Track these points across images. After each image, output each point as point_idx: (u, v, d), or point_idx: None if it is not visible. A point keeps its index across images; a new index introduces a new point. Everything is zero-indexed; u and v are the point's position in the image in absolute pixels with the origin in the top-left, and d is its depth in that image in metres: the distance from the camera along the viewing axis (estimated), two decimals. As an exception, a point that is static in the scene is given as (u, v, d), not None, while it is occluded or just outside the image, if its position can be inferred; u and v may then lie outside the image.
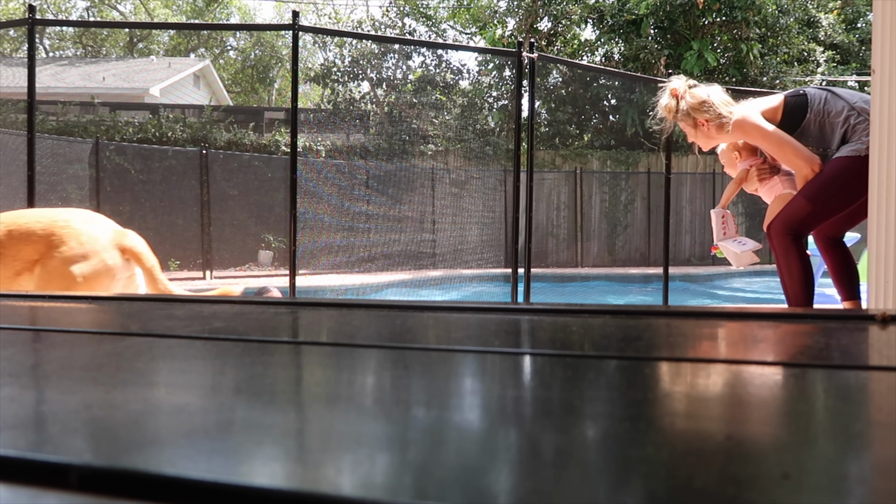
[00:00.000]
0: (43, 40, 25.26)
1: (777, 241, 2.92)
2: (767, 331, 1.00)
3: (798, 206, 2.89)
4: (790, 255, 2.88)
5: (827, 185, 2.83)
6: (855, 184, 2.72)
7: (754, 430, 0.50)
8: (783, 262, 2.91)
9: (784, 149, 2.91)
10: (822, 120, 2.89)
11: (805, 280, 2.88)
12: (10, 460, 0.40)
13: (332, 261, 11.50)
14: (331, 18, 20.14)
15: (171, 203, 11.91)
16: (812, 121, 2.91)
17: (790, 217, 2.89)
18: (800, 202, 2.89)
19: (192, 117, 14.44)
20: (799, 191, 2.93)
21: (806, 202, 2.87)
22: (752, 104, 3.03)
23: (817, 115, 2.90)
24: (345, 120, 14.59)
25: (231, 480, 0.37)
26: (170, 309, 1.28)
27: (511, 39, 14.74)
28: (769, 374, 0.69)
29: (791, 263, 2.88)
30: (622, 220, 14.33)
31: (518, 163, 5.29)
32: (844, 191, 2.80)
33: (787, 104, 2.95)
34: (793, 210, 2.90)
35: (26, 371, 0.72)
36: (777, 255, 2.94)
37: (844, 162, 2.81)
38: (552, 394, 0.61)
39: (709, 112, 3.01)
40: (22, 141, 6.38)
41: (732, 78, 14.61)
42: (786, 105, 2.95)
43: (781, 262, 2.92)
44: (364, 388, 0.67)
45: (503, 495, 0.37)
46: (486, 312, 1.17)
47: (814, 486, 0.38)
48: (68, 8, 27.30)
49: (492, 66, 15.58)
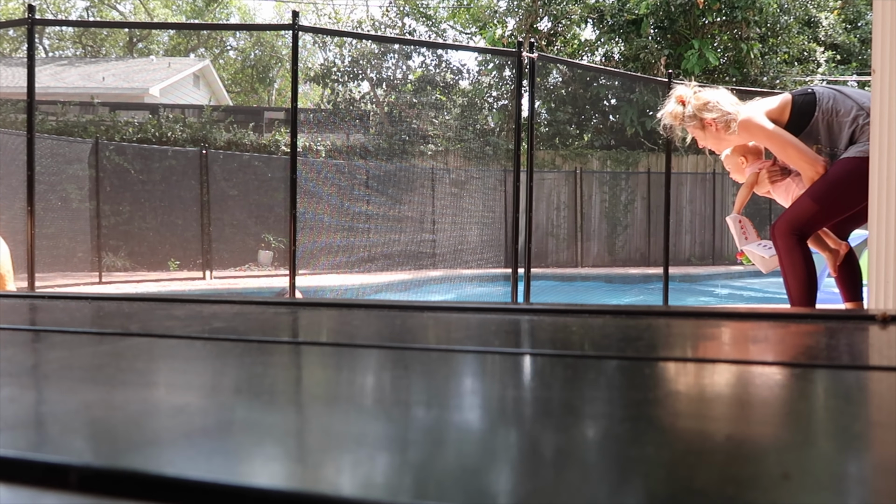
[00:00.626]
0: (43, 40, 25.26)
1: (781, 242, 2.91)
2: (767, 331, 1.00)
3: (804, 206, 2.88)
4: (794, 256, 2.88)
5: (833, 187, 2.83)
6: (862, 185, 2.70)
7: (754, 430, 0.50)
8: (787, 263, 2.91)
9: (788, 150, 2.90)
10: (830, 119, 2.88)
11: (808, 281, 2.87)
12: (10, 460, 0.40)
13: (332, 261, 11.50)
14: (331, 18, 20.14)
15: (170, 203, 11.91)
16: (820, 119, 2.89)
17: (795, 217, 2.88)
18: (805, 203, 2.88)
19: (191, 117, 14.44)
20: (805, 191, 2.92)
21: (812, 203, 2.86)
22: (757, 104, 3.02)
23: (825, 114, 2.88)
24: (345, 120, 14.59)
25: (231, 481, 0.37)
26: (170, 309, 1.28)
27: (511, 39, 14.74)
28: (769, 374, 0.69)
29: (795, 263, 2.88)
30: (622, 220, 14.33)
31: (518, 163, 5.29)
32: (850, 192, 2.79)
33: (795, 103, 2.93)
34: (798, 211, 2.89)
35: (26, 371, 0.72)
36: (781, 255, 2.94)
37: (851, 163, 2.79)
38: (552, 394, 0.61)
39: (714, 111, 3.00)
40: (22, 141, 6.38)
41: (732, 78, 14.61)
42: (793, 104, 2.93)
43: (785, 263, 2.92)
44: (364, 388, 0.67)
45: (503, 495, 0.37)
46: (486, 312, 1.17)
47: (814, 486, 0.38)
48: (68, 8, 27.30)
49: (492, 66, 15.58)
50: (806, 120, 2.91)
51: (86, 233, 11.05)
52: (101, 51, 25.96)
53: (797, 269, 2.88)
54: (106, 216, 11.37)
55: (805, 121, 2.91)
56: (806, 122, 2.91)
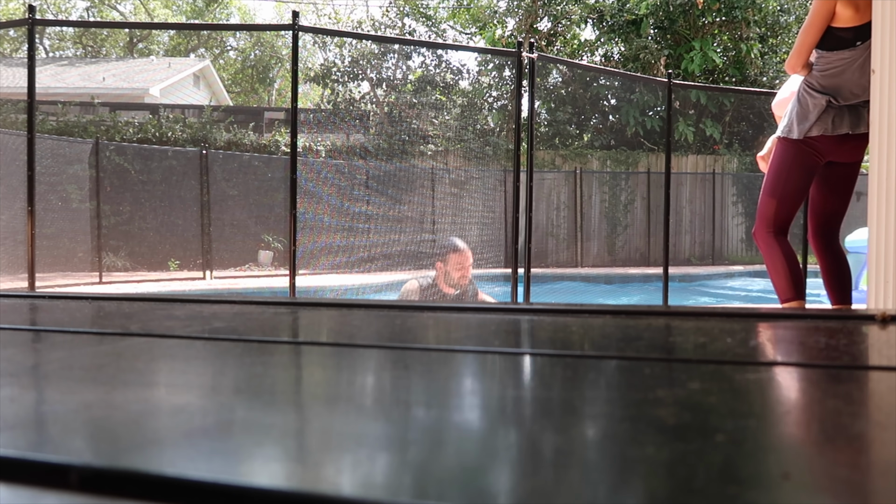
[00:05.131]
0: (43, 40, 25.26)
1: (760, 243, 2.99)
2: (767, 331, 1.00)
3: (763, 203, 2.97)
4: (773, 252, 2.94)
5: (774, 174, 2.93)
6: (789, 164, 2.85)
7: (754, 430, 0.50)
8: (768, 261, 2.99)
9: (803, 29, 2.81)
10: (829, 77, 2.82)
11: (790, 274, 2.90)
12: (10, 460, 0.40)
13: (332, 261, 11.50)
14: (331, 18, 20.13)
15: (171, 203, 11.90)
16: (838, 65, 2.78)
17: (762, 216, 2.97)
18: (763, 199, 2.97)
19: (192, 117, 14.43)
20: (761, 190, 3.03)
21: (768, 197, 2.95)
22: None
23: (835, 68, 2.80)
24: (345, 120, 14.58)
25: (231, 480, 0.37)
26: (170, 309, 1.28)
27: (511, 39, 14.74)
28: (769, 374, 0.69)
29: (775, 259, 2.93)
30: (622, 220, 14.32)
31: (518, 163, 5.29)
32: (788, 174, 2.89)
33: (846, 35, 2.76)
34: (762, 209, 2.98)
35: (26, 371, 0.72)
36: (763, 255, 3.00)
37: (777, 146, 2.94)
38: (552, 394, 0.61)
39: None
40: (22, 141, 6.38)
41: (732, 78, 14.61)
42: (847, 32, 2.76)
43: (767, 261, 3.00)
44: (364, 388, 0.67)
45: (503, 495, 0.37)
46: (486, 312, 1.17)
47: (814, 486, 0.38)
48: (68, 8, 27.30)
49: (492, 67, 15.57)
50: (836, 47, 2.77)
51: (86, 233, 11.05)
52: (101, 51, 25.96)
53: (777, 265, 2.93)
54: (106, 216, 11.36)
55: (836, 46, 2.77)
56: (834, 48, 2.78)
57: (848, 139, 2.84)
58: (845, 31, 2.74)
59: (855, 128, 2.82)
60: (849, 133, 2.82)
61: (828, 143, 2.84)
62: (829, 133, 2.81)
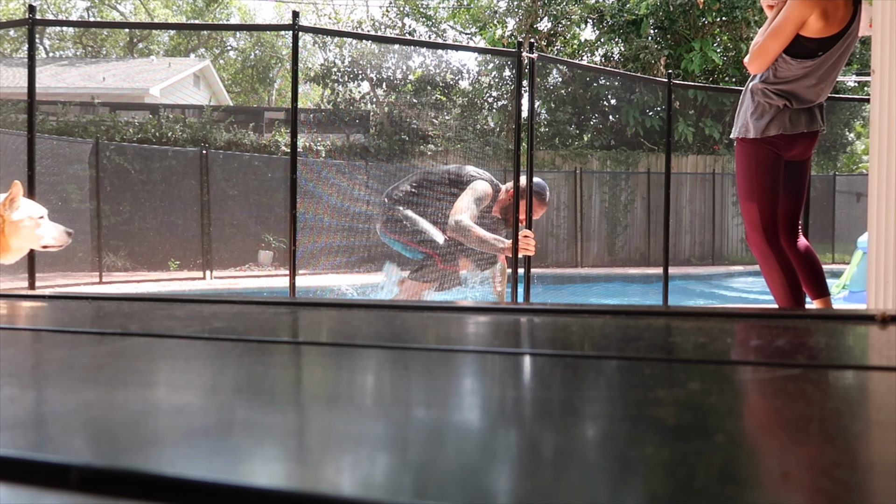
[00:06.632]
0: (43, 40, 25.26)
1: (755, 250, 3.01)
2: (767, 331, 1.00)
3: (744, 208, 2.99)
4: (769, 262, 2.95)
5: (744, 178, 2.96)
6: (755, 164, 2.89)
7: (754, 430, 0.50)
8: (764, 268, 3.00)
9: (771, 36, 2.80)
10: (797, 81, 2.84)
11: (786, 281, 2.90)
12: (10, 460, 0.40)
13: (332, 261, 11.49)
14: (331, 18, 20.11)
15: (171, 203, 11.90)
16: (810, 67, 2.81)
17: (748, 220, 2.98)
18: (743, 205, 3.00)
19: (192, 117, 14.43)
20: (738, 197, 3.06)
21: (746, 202, 2.97)
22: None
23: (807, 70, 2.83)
24: (345, 120, 14.58)
25: (231, 480, 0.37)
26: (170, 309, 1.28)
27: (511, 39, 14.73)
28: (769, 375, 0.69)
29: (771, 270, 2.95)
30: (622, 220, 14.32)
31: (518, 163, 5.29)
32: (756, 174, 2.92)
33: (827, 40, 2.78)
34: (745, 214, 3.00)
35: (26, 371, 0.72)
36: (760, 266, 3.01)
37: (737, 150, 2.99)
38: (552, 394, 0.61)
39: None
40: (22, 141, 6.37)
41: (732, 78, 14.60)
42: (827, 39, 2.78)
43: (764, 272, 3.01)
44: (364, 388, 0.67)
45: (503, 495, 0.37)
46: (486, 312, 1.17)
47: (813, 487, 0.38)
48: (68, 8, 27.29)
49: (492, 67, 15.57)
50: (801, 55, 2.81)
51: (86, 233, 11.04)
52: (101, 51, 25.95)
53: (773, 275, 2.94)
54: (106, 216, 11.36)
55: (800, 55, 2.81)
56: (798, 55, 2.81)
57: (803, 137, 2.91)
58: (811, 41, 2.79)
59: (810, 126, 2.90)
60: (804, 131, 2.89)
61: (785, 140, 2.90)
62: (787, 132, 2.88)
